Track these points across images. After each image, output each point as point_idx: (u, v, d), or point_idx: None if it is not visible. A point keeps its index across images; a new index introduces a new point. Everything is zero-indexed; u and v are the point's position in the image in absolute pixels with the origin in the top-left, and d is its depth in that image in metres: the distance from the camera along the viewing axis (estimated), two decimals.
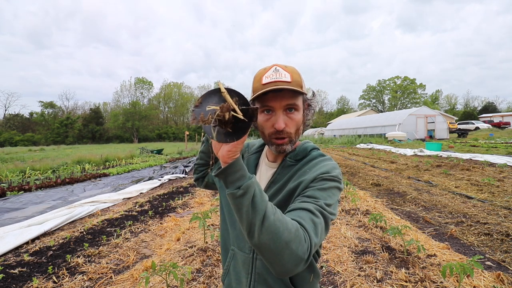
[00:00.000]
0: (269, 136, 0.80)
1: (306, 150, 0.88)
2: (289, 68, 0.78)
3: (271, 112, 0.78)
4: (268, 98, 0.76)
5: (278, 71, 0.75)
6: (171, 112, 77.70)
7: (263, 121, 0.79)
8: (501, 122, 34.22)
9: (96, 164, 12.53)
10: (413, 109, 27.05)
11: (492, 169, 7.00)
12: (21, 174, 8.97)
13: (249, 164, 0.93)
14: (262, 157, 0.95)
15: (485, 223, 3.30)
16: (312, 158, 0.84)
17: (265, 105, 0.77)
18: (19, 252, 2.97)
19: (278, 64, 0.78)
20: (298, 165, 0.84)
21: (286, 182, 0.82)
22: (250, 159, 0.94)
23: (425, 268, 2.28)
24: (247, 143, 1.01)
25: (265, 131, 0.80)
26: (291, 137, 0.79)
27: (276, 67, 0.77)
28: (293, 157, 0.86)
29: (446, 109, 68.92)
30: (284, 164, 0.85)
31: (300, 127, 0.81)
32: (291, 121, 0.78)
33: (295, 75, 0.77)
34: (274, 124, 0.76)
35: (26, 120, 62.00)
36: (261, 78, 0.76)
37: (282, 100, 0.75)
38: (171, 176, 8.24)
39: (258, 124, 0.82)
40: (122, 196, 5.61)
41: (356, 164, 9.74)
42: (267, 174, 0.89)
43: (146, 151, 19.41)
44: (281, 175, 0.84)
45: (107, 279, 2.38)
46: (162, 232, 3.54)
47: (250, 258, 0.84)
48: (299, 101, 0.78)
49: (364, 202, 4.47)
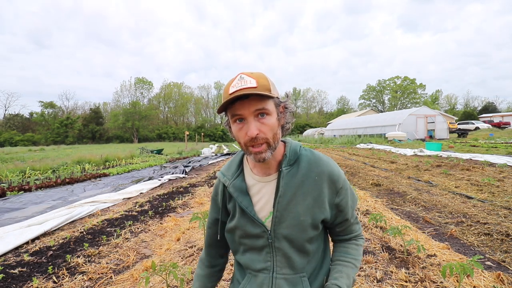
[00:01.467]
0: (245, 145, 0.78)
1: (297, 151, 0.87)
2: (255, 74, 0.77)
3: (243, 121, 0.76)
4: (236, 107, 0.75)
5: (243, 79, 0.75)
6: (171, 112, 77.68)
7: (236, 130, 0.78)
8: (501, 122, 34.23)
9: (96, 164, 12.53)
10: (413, 109, 27.05)
11: (492, 169, 7.00)
12: (21, 174, 8.97)
13: (237, 189, 0.88)
14: (248, 177, 0.90)
15: (485, 223, 3.30)
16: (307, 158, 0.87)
17: (235, 114, 0.76)
18: (19, 252, 2.97)
19: (244, 72, 0.78)
20: (300, 170, 0.84)
21: (297, 192, 0.83)
22: (236, 184, 0.88)
23: (425, 268, 2.28)
24: (221, 173, 0.94)
25: (240, 140, 0.78)
26: (268, 143, 0.77)
27: (241, 75, 0.76)
28: (288, 164, 0.84)
29: (446, 109, 68.94)
30: (283, 174, 0.83)
31: (276, 131, 0.79)
32: (264, 126, 0.76)
33: (262, 79, 0.76)
34: (247, 132, 0.75)
35: (26, 120, 61.99)
36: (228, 88, 0.76)
37: (250, 106, 0.74)
38: (171, 176, 8.24)
39: (234, 135, 0.81)
40: (122, 196, 5.61)
41: (356, 164, 9.74)
42: (267, 189, 0.86)
43: (146, 151, 19.42)
44: (287, 187, 0.82)
45: (107, 279, 2.38)
46: (162, 232, 3.54)
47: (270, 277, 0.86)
48: (269, 105, 0.76)
49: (364, 202, 4.47)
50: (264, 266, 0.86)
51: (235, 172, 0.91)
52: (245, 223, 0.86)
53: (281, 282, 0.83)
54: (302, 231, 0.82)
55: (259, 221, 0.84)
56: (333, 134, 37.19)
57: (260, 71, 0.80)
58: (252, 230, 0.85)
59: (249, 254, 0.88)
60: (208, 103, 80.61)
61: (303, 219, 0.82)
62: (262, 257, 0.86)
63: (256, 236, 0.85)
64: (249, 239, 0.87)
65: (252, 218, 0.84)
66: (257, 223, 0.84)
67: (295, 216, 0.82)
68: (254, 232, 0.85)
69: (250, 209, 0.85)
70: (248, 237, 0.86)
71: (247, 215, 0.85)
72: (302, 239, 0.83)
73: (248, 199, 0.86)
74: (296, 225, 0.82)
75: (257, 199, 0.87)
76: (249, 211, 0.85)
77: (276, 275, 0.84)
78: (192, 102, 78.11)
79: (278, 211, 0.82)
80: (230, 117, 0.79)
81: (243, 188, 0.88)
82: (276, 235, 0.83)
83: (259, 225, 0.84)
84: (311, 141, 33.59)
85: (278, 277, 0.84)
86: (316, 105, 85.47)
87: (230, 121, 0.80)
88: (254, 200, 0.87)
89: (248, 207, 0.85)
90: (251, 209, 0.85)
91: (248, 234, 0.86)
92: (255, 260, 0.87)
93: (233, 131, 0.80)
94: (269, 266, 0.85)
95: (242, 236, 0.88)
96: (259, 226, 0.84)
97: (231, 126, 0.80)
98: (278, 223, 0.83)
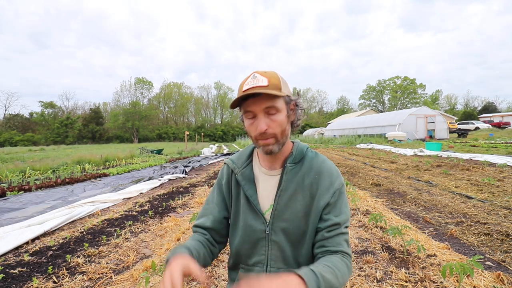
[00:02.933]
0: (255, 138, 0.84)
1: (303, 151, 0.93)
2: (268, 73, 0.82)
3: (254, 117, 0.82)
4: (248, 103, 0.81)
5: (256, 77, 0.80)
6: (171, 112, 77.73)
7: (248, 125, 0.85)
8: (501, 122, 34.25)
9: (96, 164, 12.52)
10: (413, 109, 27.05)
11: (492, 169, 7.00)
12: (21, 174, 8.97)
13: (245, 177, 0.94)
14: (256, 168, 0.96)
15: (485, 223, 3.30)
16: (311, 159, 0.92)
17: (247, 111, 0.83)
18: (19, 252, 2.97)
19: (257, 71, 0.83)
20: (303, 168, 0.90)
21: (297, 188, 0.88)
22: (245, 173, 0.95)
23: (425, 268, 2.28)
24: (231, 160, 1.01)
25: (251, 134, 0.85)
26: (276, 138, 0.83)
27: (255, 74, 0.81)
28: (293, 161, 0.90)
29: (446, 109, 68.98)
30: (287, 170, 0.89)
31: (285, 127, 0.84)
32: (273, 123, 0.81)
33: (273, 79, 0.80)
34: (257, 127, 0.81)
35: (26, 120, 62.00)
36: (242, 86, 0.82)
37: (261, 104, 0.80)
38: (171, 176, 8.24)
39: (246, 129, 0.87)
40: (122, 196, 5.61)
41: (356, 164, 9.74)
42: (270, 182, 0.92)
43: (146, 151, 19.41)
44: (289, 182, 0.88)
45: (107, 279, 2.37)
46: (162, 232, 3.54)
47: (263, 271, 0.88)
48: (278, 103, 0.81)
49: (364, 202, 4.47)
50: (259, 260, 0.89)
51: (245, 161, 0.98)
52: (247, 212, 0.91)
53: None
54: (299, 226, 0.87)
55: (260, 211, 0.89)
56: (333, 134, 37.19)
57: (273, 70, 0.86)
58: (252, 220, 0.90)
59: (245, 245, 0.91)
60: (208, 103, 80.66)
61: (301, 215, 0.87)
62: (257, 250, 0.89)
63: (254, 227, 0.89)
64: (247, 228, 0.90)
65: (255, 207, 0.89)
66: (258, 213, 0.89)
67: (294, 212, 0.87)
68: (253, 222, 0.89)
69: (254, 197, 0.90)
70: (247, 227, 0.90)
71: (251, 204, 0.90)
72: (298, 234, 0.87)
73: (253, 189, 0.92)
74: (293, 219, 0.87)
75: (261, 190, 0.92)
76: (253, 199, 0.90)
77: (270, 269, 0.87)
78: (192, 102, 78.13)
79: (278, 204, 0.87)
80: (243, 113, 0.85)
81: (251, 178, 0.94)
82: (274, 227, 0.87)
83: (260, 216, 0.89)
84: (311, 141, 33.57)
85: (272, 271, 0.87)
86: (316, 105, 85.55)
87: (244, 116, 0.86)
88: (258, 190, 0.92)
89: (253, 195, 0.91)
90: (254, 197, 0.90)
91: (247, 224, 0.90)
92: (250, 253, 0.90)
93: (246, 125, 0.86)
94: (263, 260, 0.88)
95: (242, 224, 0.92)
96: (260, 217, 0.89)
97: (244, 121, 0.87)
98: (277, 216, 0.87)
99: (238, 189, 0.95)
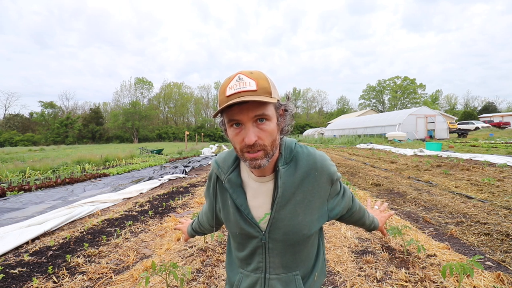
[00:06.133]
0: (241, 150, 0.72)
1: (292, 148, 0.83)
2: (255, 74, 0.70)
3: (240, 125, 0.70)
4: (234, 111, 0.68)
5: (242, 80, 0.68)
6: (171, 112, 77.74)
7: (233, 135, 0.72)
8: (501, 122, 34.26)
9: (96, 164, 12.53)
10: (413, 109, 27.04)
11: (492, 169, 7.00)
12: (21, 174, 8.97)
13: (232, 184, 0.83)
14: (244, 172, 0.85)
15: (485, 223, 3.30)
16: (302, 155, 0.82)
17: (232, 119, 0.69)
18: (19, 252, 2.97)
19: (242, 72, 0.70)
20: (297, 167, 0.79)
21: (296, 191, 0.79)
22: (232, 179, 0.84)
23: (425, 268, 2.28)
24: (215, 162, 0.89)
25: (236, 145, 0.73)
26: (266, 150, 0.71)
27: (240, 75, 0.69)
28: (284, 162, 0.79)
29: (446, 109, 69.01)
30: (280, 173, 0.78)
31: (275, 137, 0.73)
32: (263, 133, 0.70)
33: (262, 81, 0.69)
34: (244, 138, 0.69)
35: (26, 120, 62.02)
36: (225, 89, 0.68)
37: (249, 112, 0.67)
38: (171, 176, 8.24)
39: (229, 139, 0.75)
40: (122, 196, 5.61)
41: (356, 164, 9.74)
42: (262, 189, 0.81)
43: (146, 151, 19.42)
44: (285, 186, 0.78)
45: (107, 279, 2.37)
46: (162, 232, 3.54)
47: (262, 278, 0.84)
48: (269, 110, 0.70)
49: (364, 202, 4.47)
50: (256, 267, 0.84)
51: (231, 165, 0.85)
52: (239, 220, 0.83)
53: (274, 282, 0.82)
54: (299, 231, 0.80)
55: (253, 221, 0.81)
56: (333, 134, 37.20)
57: (259, 69, 0.73)
58: (246, 228, 0.82)
59: (242, 252, 0.87)
60: (208, 103, 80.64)
61: (301, 219, 0.79)
62: (255, 257, 0.84)
63: (249, 235, 0.83)
64: (242, 236, 0.85)
65: (246, 217, 0.81)
66: (251, 223, 0.81)
67: (293, 217, 0.79)
68: (247, 231, 0.82)
69: (244, 207, 0.81)
70: (241, 234, 0.85)
71: (241, 213, 0.82)
72: (298, 239, 0.81)
73: (243, 197, 0.82)
74: (294, 225, 0.79)
75: (252, 198, 0.82)
76: (243, 209, 0.81)
77: (269, 276, 0.82)
78: (192, 102, 78.14)
79: (276, 212, 0.78)
80: (226, 121, 0.72)
81: (239, 184, 0.83)
82: (271, 236, 0.80)
83: (253, 225, 0.81)
84: (311, 141, 33.58)
85: (271, 278, 0.82)
86: (316, 105, 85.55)
87: (227, 125, 0.73)
88: (248, 198, 0.83)
89: (243, 205, 0.82)
90: (245, 207, 0.81)
91: (242, 232, 0.84)
92: (248, 260, 0.86)
93: (229, 135, 0.74)
94: (262, 267, 0.83)
95: (238, 233, 0.86)
96: (253, 226, 0.81)
97: (227, 130, 0.74)
98: (275, 224, 0.79)
99: (225, 196, 0.87)
